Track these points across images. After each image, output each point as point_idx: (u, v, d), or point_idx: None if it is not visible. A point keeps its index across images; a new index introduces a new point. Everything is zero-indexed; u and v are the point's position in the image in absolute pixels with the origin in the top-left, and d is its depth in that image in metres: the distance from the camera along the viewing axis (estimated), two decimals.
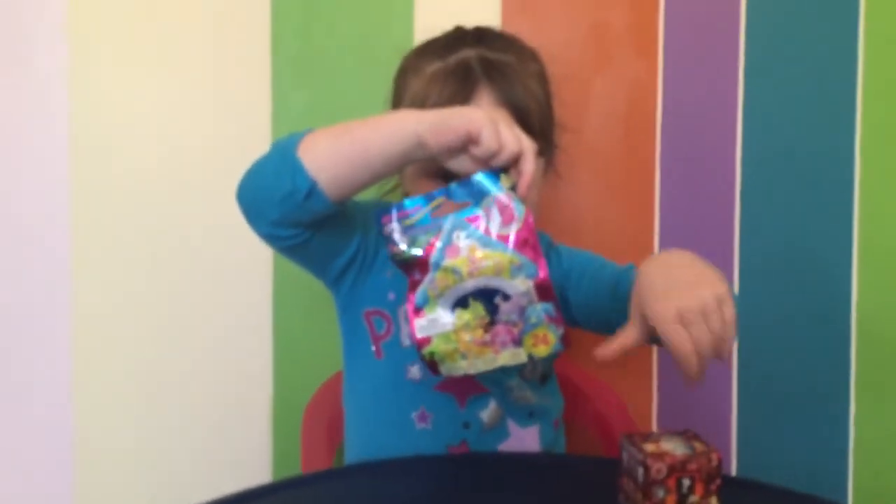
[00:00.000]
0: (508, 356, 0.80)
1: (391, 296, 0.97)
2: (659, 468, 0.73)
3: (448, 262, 0.79)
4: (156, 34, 1.23)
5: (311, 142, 0.84)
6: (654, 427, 1.32)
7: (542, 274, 0.78)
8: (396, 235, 0.80)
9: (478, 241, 0.78)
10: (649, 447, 0.75)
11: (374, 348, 0.99)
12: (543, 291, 0.78)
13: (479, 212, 0.79)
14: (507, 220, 0.78)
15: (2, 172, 1.22)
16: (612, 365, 0.88)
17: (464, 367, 0.81)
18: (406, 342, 0.96)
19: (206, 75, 1.25)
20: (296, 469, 1.10)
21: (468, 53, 0.97)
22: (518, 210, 0.79)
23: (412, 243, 0.80)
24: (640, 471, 0.74)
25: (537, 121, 0.96)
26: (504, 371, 0.95)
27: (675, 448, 0.75)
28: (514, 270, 0.78)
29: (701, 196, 1.31)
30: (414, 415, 0.97)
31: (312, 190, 0.83)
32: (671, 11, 1.30)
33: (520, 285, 0.78)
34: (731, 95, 1.30)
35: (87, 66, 1.22)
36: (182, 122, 1.25)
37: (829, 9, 1.30)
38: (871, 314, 1.31)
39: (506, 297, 0.78)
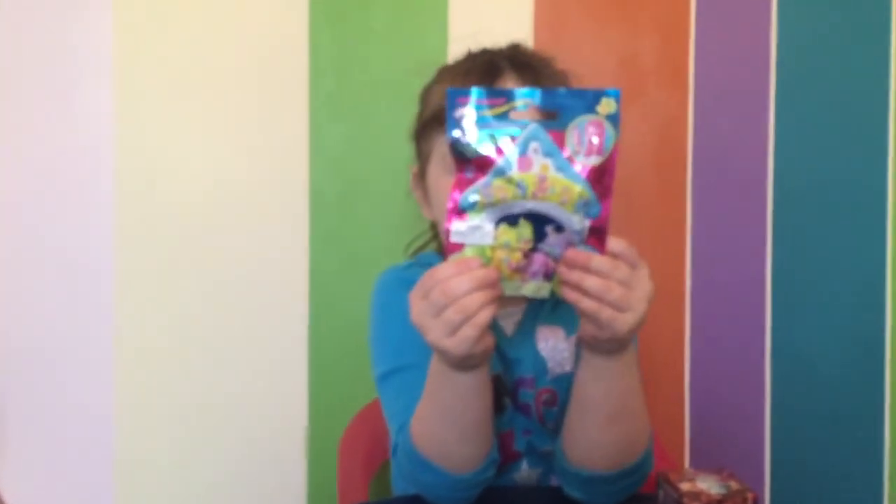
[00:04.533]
0: (534, 288, 0.74)
1: None
2: None
3: (516, 173, 0.71)
4: (197, 73, 1.26)
5: (441, 457, 0.82)
6: (687, 463, 1.32)
7: (603, 216, 0.72)
8: (467, 122, 0.71)
9: (553, 161, 0.71)
10: (685, 486, 0.76)
11: None
12: (596, 235, 0.73)
13: (566, 130, 0.71)
14: (592, 149, 0.71)
15: (49, 207, 1.25)
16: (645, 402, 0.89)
17: None
18: None
19: (246, 111, 1.27)
20: (332, 500, 1.11)
21: (497, 55, 0.97)
22: (608, 142, 0.71)
23: (481, 137, 0.71)
24: None
25: None
26: (538, 437, 0.94)
27: (710, 487, 0.76)
28: (579, 205, 0.71)
29: (732, 229, 1.32)
30: None
31: (493, 465, 0.84)
32: (701, 44, 1.31)
33: (577, 223, 0.72)
34: (763, 128, 1.31)
35: (132, 103, 1.25)
36: (223, 157, 1.27)
37: (860, 40, 1.30)
38: None
39: (558, 229, 0.72)
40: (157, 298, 1.27)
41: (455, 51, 1.26)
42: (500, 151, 0.71)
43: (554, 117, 0.71)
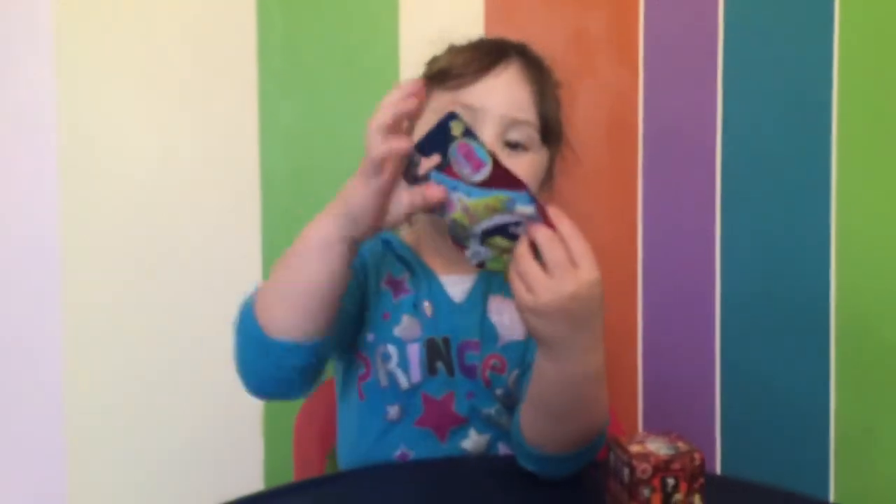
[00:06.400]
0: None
1: (370, 337, 0.96)
2: (644, 468, 0.75)
3: (450, 214, 0.77)
4: (144, 50, 1.24)
5: (264, 309, 0.82)
6: (640, 428, 1.34)
7: (531, 192, 0.75)
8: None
9: (462, 192, 0.76)
10: (634, 448, 0.77)
11: (357, 388, 0.97)
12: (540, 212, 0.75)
13: (451, 162, 0.75)
14: (475, 166, 0.75)
15: None
16: None
17: None
18: (384, 382, 0.95)
19: (194, 90, 1.26)
20: (288, 476, 1.11)
21: (507, 43, 0.99)
22: (479, 152, 0.75)
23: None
24: (626, 471, 0.76)
25: (553, 113, 0.97)
26: (481, 400, 0.96)
27: (659, 449, 0.77)
28: (509, 204, 0.75)
29: (682, 202, 1.34)
30: (395, 455, 0.96)
31: (302, 356, 0.81)
32: (650, 22, 1.32)
33: (524, 211, 0.75)
34: (711, 103, 1.33)
35: (76, 82, 1.23)
36: (172, 136, 1.26)
37: (805, 18, 1.33)
38: (848, 314, 1.33)
39: (517, 224, 0.75)
40: (106, 280, 1.25)
41: (406, 25, 1.27)
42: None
43: (438, 159, 0.75)
